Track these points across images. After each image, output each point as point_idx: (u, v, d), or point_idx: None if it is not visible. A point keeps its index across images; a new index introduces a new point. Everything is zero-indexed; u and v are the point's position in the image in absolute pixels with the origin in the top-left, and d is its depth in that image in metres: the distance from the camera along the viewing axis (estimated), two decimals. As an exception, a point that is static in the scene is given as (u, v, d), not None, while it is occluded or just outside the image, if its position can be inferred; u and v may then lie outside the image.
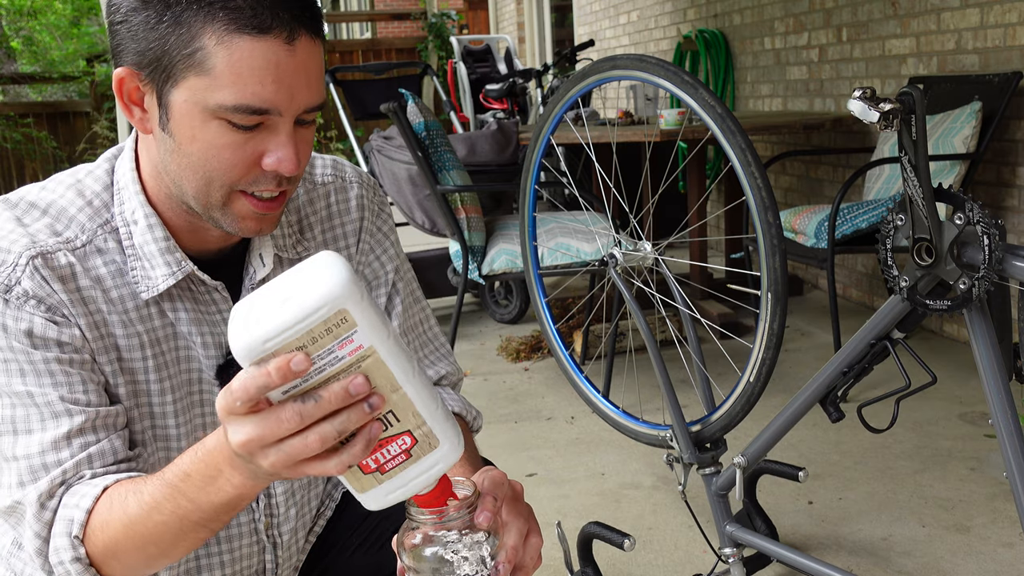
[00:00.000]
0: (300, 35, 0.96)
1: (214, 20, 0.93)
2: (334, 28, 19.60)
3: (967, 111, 3.12)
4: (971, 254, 1.27)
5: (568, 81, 1.86)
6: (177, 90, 0.97)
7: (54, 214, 1.06)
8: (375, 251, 1.25)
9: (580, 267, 2.94)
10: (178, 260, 1.07)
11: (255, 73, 0.94)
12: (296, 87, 0.97)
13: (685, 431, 1.73)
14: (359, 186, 1.24)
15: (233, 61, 0.94)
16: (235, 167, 0.99)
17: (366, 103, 5.07)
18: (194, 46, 0.94)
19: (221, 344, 1.13)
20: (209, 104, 0.95)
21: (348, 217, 1.23)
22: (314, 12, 0.98)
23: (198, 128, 0.97)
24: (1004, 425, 1.30)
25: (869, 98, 1.22)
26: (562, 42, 9.29)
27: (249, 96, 0.95)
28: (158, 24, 0.94)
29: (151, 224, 1.06)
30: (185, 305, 1.10)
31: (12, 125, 9.96)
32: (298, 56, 0.96)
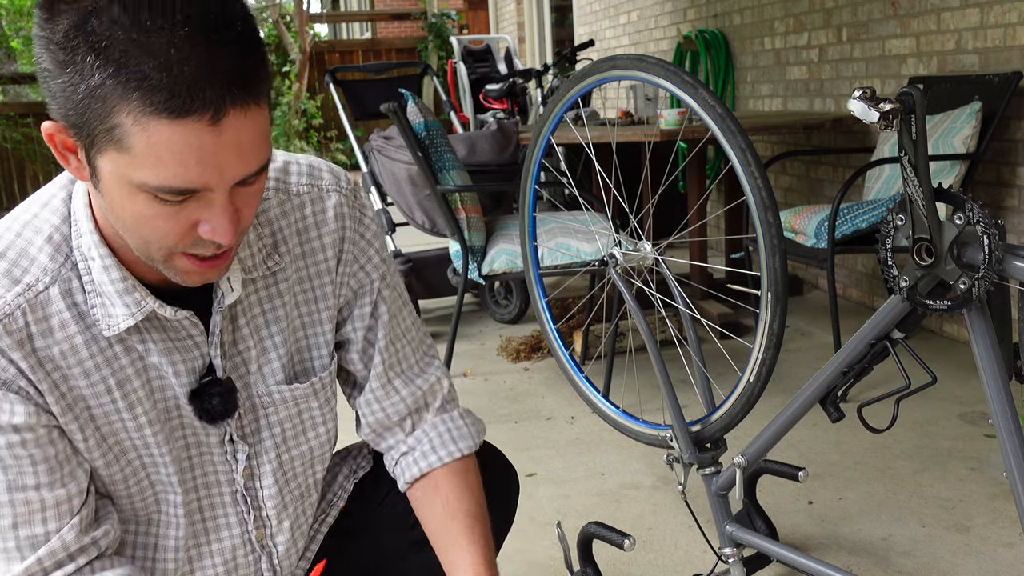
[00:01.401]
0: (227, 112, 0.87)
1: (128, 99, 0.85)
2: (334, 28, 19.60)
3: (967, 111, 3.12)
4: (971, 254, 1.27)
5: (568, 81, 1.86)
6: (101, 158, 0.90)
7: (12, 257, 1.01)
8: (359, 260, 1.22)
9: (580, 267, 2.94)
10: (137, 300, 1.03)
11: (175, 156, 0.87)
12: (225, 164, 0.90)
13: (685, 431, 1.73)
14: (337, 194, 1.19)
15: (151, 144, 0.87)
16: (169, 235, 0.94)
17: (366, 103, 5.06)
18: (111, 122, 0.87)
19: (194, 370, 1.11)
20: (133, 180, 0.90)
21: (326, 228, 1.18)
22: (247, 79, 0.89)
23: (126, 198, 0.92)
24: (1004, 425, 1.30)
25: (869, 98, 1.22)
26: (562, 42, 9.29)
27: (171, 178, 0.89)
28: (74, 94, 0.87)
29: (106, 265, 1.02)
30: (152, 336, 1.07)
31: (12, 125, 9.96)
32: (225, 134, 0.88)
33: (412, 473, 1.27)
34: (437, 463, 1.26)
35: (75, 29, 0.85)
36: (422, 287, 4.07)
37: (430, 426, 1.28)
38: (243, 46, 0.89)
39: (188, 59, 0.85)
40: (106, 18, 0.84)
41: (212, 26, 0.86)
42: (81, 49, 0.85)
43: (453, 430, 1.28)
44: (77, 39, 0.85)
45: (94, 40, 0.84)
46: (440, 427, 1.28)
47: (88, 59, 0.85)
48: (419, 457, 1.27)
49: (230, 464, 1.17)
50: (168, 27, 0.84)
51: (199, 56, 0.85)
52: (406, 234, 4.80)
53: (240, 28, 0.89)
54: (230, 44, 0.87)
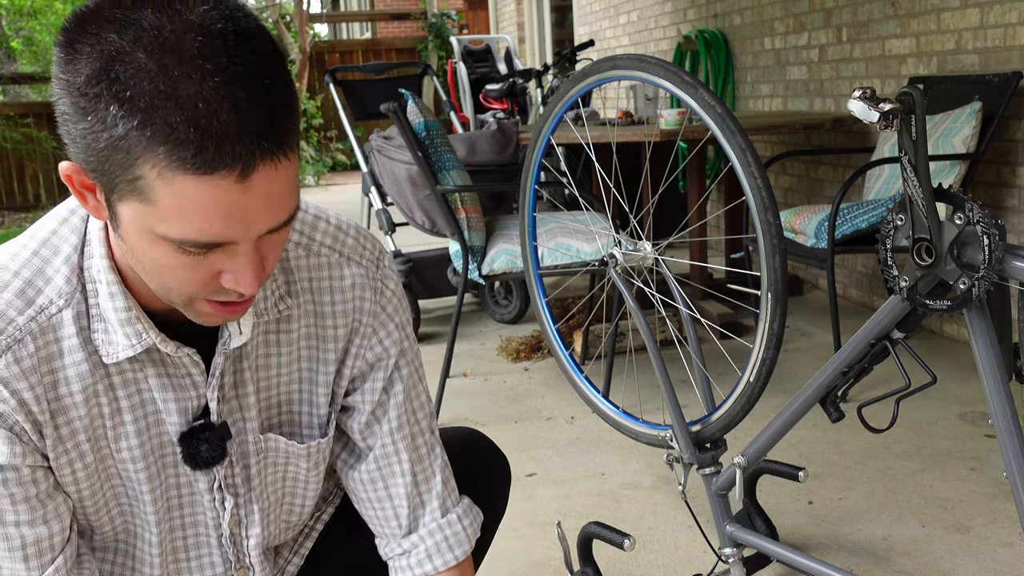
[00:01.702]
0: (256, 167, 0.83)
1: (154, 152, 0.81)
2: (334, 28, 19.60)
3: (967, 111, 3.12)
4: (971, 254, 1.27)
5: (568, 81, 1.86)
6: (122, 205, 0.86)
7: (27, 277, 0.98)
8: (378, 334, 1.17)
9: (580, 267, 2.94)
10: (138, 332, 1.00)
11: (200, 212, 0.84)
12: (253, 217, 0.86)
13: (685, 431, 1.73)
14: (357, 264, 1.14)
15: (176, 199, 0.83)
16: (190, 283, 0.91)
17: (366, 103, 5.07)
18: (134, 174, 0.83)
19: (188, 410, 1.07)
20: (155, 230, 0.86)
21: (339, 296, 1.13)
22: (277, 131, 0.84)
23: (147, 246, 0.88)
24: (1004, 425, 1.30)
25: (869, 98, 1.22)
26: (562, 42, 9.29)
27: (196, 232, 0.85)
28: (95, 142, 0.82)
29: (112, 292, 0.98)
30: (148, 371, 1.04)
31: (12, 125, 9.96)
32: (254, 189, 0.84)
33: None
34: (432, 571, 1.24)
35: (98, 75, 0.81)
36: (422, 287, 4.07)
37: (427, 532, 1.24)
38: (274, 95, 0.84)
39: (217, 112, 0.81)
40: (131, 65, 0.80)
41: (243, 74, 0.82)
42: (104, 97, 0.81)
43: (451, 536, 1.25)
44: (100, 86, 0.81)
45: (118, 89, 0.80)
46: (437, 535, 1.24)
47: (112, 108, 0.80)
48: (414, 563, 1.24)
49: (218, 511, 1.15)
50: (197, 76, 0.80)
51: (229, 108, 0.81)
52: (406, 234, 4.80)
53: (271, 75, 0.85)
54: (261, 94, 0.83)
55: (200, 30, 0.82)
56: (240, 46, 0.83)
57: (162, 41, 0.81)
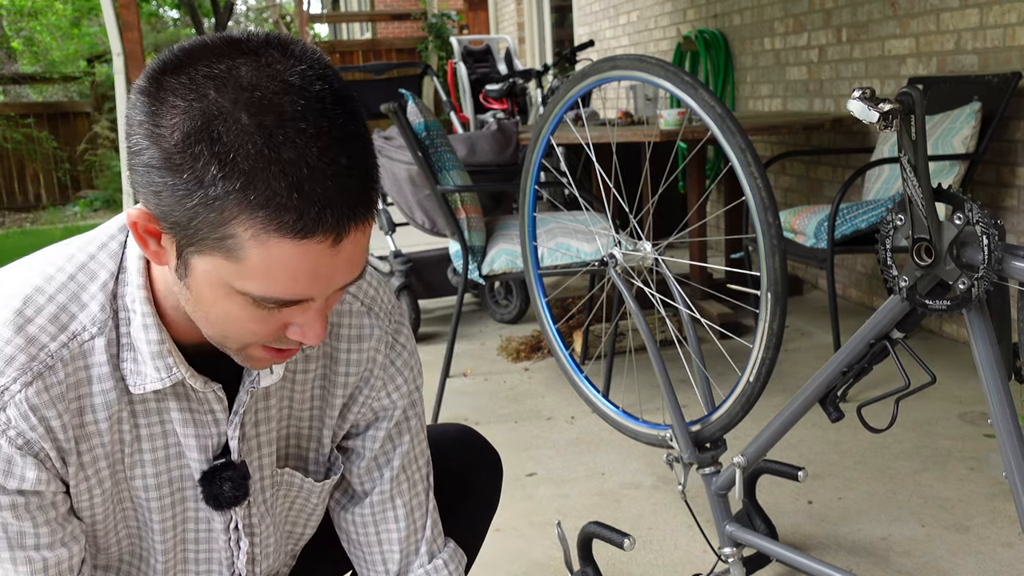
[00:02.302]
0: (348, 233, 0.84)
1: (252, 215, 0.80)
2: (334, 28, 19.60)
3: (966, 111, 3.12)
4: (970, 254, 1.27)
5: (568, 81, 1.86)
6: (200, 259, 0.86)
7: (62, 301, 0.96)
8: (387, 387, 1.17)
9: (580, 267, 2.95)
10: (168, 366, 0.98)
11: (290, 273, 0.84)
12: (335, 277, 0.87)
13: (685, 431, 1.73)
14: (376, 317, 1.14)
15: (269, 260, 0.83)
16: (255, 334, 0.92)
17: (366, 103, 5.06)
18: (225, 232, 0.82)
19: (208, 447, 1.06)
20: (235, 286, 0.86)
21: (356, 346, 1.13)
22: (369, 198, 0.85)
23: (220, 298, 0.88)
24: (1004, 425, 1.30)
25: (869, 98, 1.22)
26: (562, 42, 9.29)
27: (280, 290, 0.85)
28: (185, 198, 0.81)
29: (147, 324, 0.97)
30: (171, 404, 1.03)
31: (13, 125, 9.97)
32: (343, 253, 0.85)
33: None
34: None
35: (198, 133, 0.79)
36: (422, 287, 4.07)
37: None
38: (368, 159, 0.85)
39: (319, 179, 0.80)
40: (234, 126, 0.79)
41: (342, 139, 0.82)
42: (204, 156, 0.79)
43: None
44: (200, 146, 0.79)
45: (220, 149, 0.79)
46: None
47: (211, 169, 0.79)
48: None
49: (232, 551, 1.15)
50: (300, 141, 0.80)
51: (330, 176, 0.81)
52: (406, 234, 4.80)
53: (365, 138, 0.85)
54: (358, 159, 0.83)
55: (300, 92, 0.81)
56: (337, 109, 0.83)
57: (264, 102, 0.80)
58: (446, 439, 1.42)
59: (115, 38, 6.43)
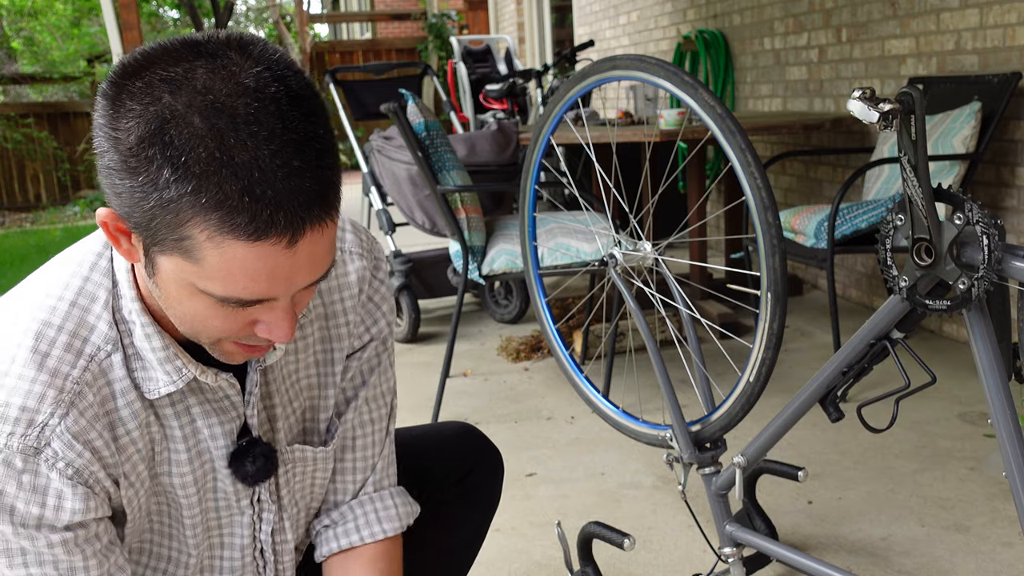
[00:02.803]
0: (304, 233, 0.85)
1: (206, 217, 0.81)
2: (334, 28, 19.59)
3: (966, 111, 3.12)
4: (970, 254, 1.27)
5: (568, 81, 1.86)
6: (164, 258, 0.87)
7: (71, 329, 0.97)
8: (366, 323, 1.20)
9: (580, 267, 2.95)
10: (178, 368, 1.01)
11: (248, 273, 0.85)
12: (295, 278, 0.88)
13: (685, 431, 1.73)
14: (359, 257, 1.17)
15: (224, 260, 0.84)
16: (224, 331, 0.93)
17: (366, 103, 5.07)
18: (182, 234, 0.83)
19: (232, 431, 1.09)
20: (197, 286, 0.87)
21: (349, 292, 1.16)
22: (326, 199, 0.85)
23: (185, 297, 0.90)
24: (1004, 425, 1.30)
25: (869, 98, 1.22)
26: (562, 42, 9.29)
27: (240, 291, 0.86)
28: (143, 200, 0.82)
29: (148, 333, 0.99)
30: (190, 400, 1.05)
31: (13, 125, 9.97)
32: (300, 253, 0.86)
33: (331, 547, 1.24)
34: (358, 543, 1.23)
35: (151, 137, 0.80)
36: (422, 287, 4.07)
37: (357, 503, 1.25)
38: (325, 160, 0.85)
39: (272, 181, 0.81)
40: (186, 130, 0.80)
41: (296, 141, 0.83)
42: (157, 160, 0.80)
43: (380, 511, 1.25)
44: (153, 149, 0.80)
45: (172, 153, 0.80)
46: (367, 506, 1.25)
47: (165, 172, 0.80)
48: (340, 533, 1.24)
49: (255, 524, 1.16)
50: (252, 144, 0.81)
51: (283, 177, 0.82)
52: (406, 234, 4.81)
53: (323, 140, 0.86)
54: (313, 160, 0.84)
55: (254, 94, 0.82)
56: (293, 111, 0.83)
57: (217, 105, 0.81)
58: (447, 437, 1.42)
59: (115, 38, 6.42)
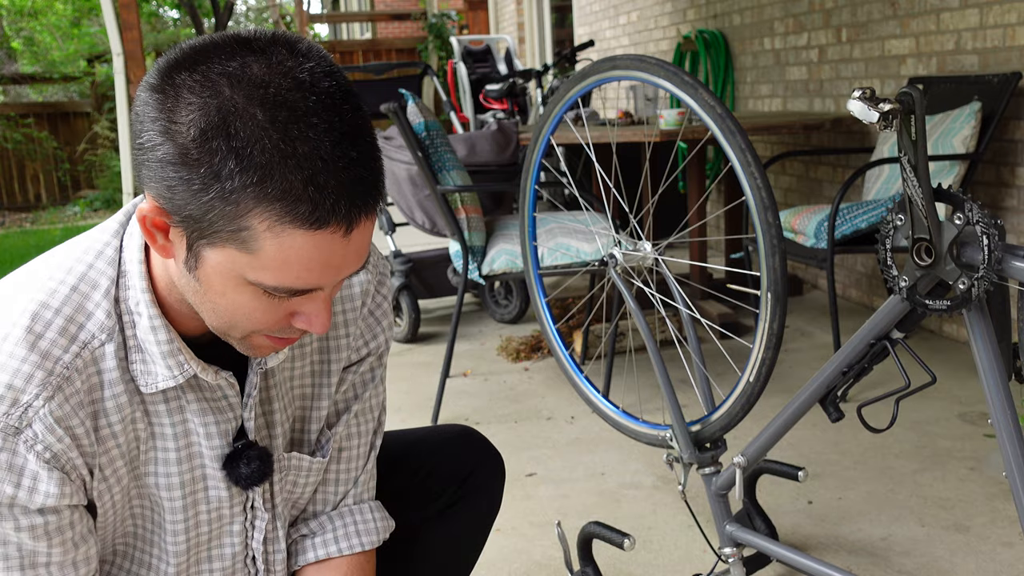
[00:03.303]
0: (359, 222, 0.88)
1: (268, 207, 0.83)
2: (334, 28, 19.60)
3: (967, 111, 3.12)
4: (970, 254, 1.27)
5: (568, 81, 1.86)
6: (213, 251, 0.88)
7: (68, 313, 0.98)
8: (365, 336, 1.20)
9: (580, 267, 2.95)
10: (180, 363, 1.01)
11: (303, 262, 0.87)
12: (345, 267, 0.91)
13: (685, 431, 1.73)
14: (364, 271, 1.18)
15: (282, 250, 0.86)
16: (262, 323, 0.94)
17: (366, 103, 5.03)
18: (240, 224, 0.85)
19: (227, 432, 1.08)
20: (247, 277, 0.89)
21: (351, 304, 1.17)
22: (378, 189, 0.89)
23: (230, 289, 0.91)
24: (1004, 425, 1.30)
25: (869, 98, 1.22)
26: (562, 42, 9.29)
27: (292, 280, 0.89)
28: (201, 192, 0.84)
29: (155, 326, 0.99)
30: (188, 396, 1.05)
31: (13, 125, 9.97)
32: (353, 241, 0.89)
33: (307, 558, 1.23)
34: (336, 554, 1.23)
35: (215, 129, 0.82)
36: (422, 287, 4.07)
37: (337, 515, 1.25)
38: (374, 152, 0.89)
39: (332, 172, 0.84)
40: (250, 122, 0.82)
41: (351, 133, 0.86)
42: (221, 151, 0.82)
43: (359, 523, 1.25)
44: (217, 141, 0.82)
45: (237, 144, 0.82)
46: (347, 518, 1.25)
47: (229, 163, 0.82)
48: (319, 544, 1.23)
49: (247, 531, 1.16)
50: (313, 136, 0.83)
51: (342, 168, 0.85)
52: (406, 234, 4.80)
53: (371, 134, 0.89)
54: (368, 152, 0.88)
55: (311, 88, 0.85)
56: (345, 105, 0.87)
57: (278, 99, 0.83)
58: (448, 440, 1.42)
59: (115, 38, 6.43)
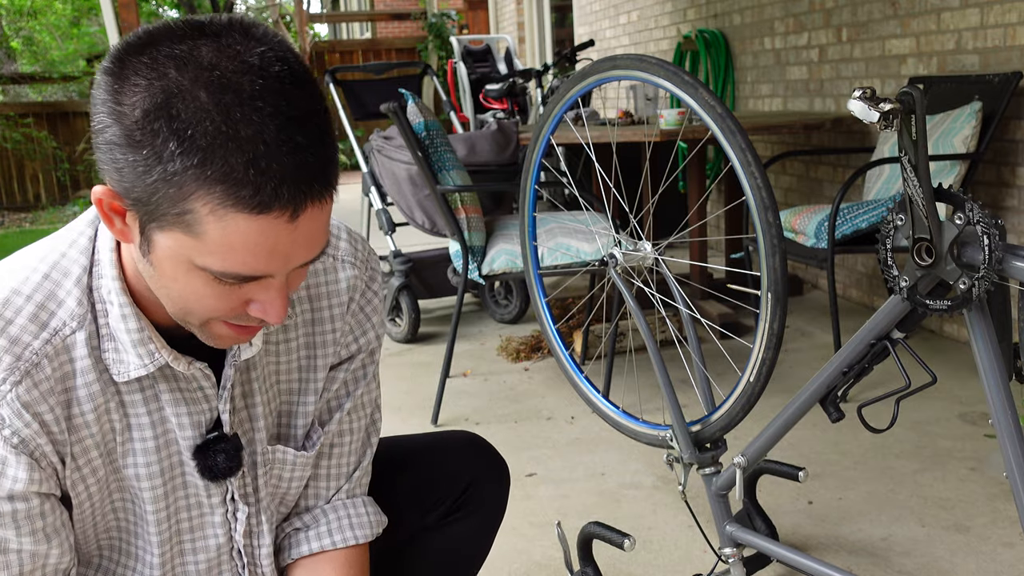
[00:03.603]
0: (305, 208, 0.86)
1: (209, 190, 0.82)
2: (334, 28, 19.59)
3: (967, 111, 3.12)
4: (971, 254, 1.27)
5: (568, 81, 1.86)
6: (162, 234, 0.87)
7: (39, 300, 0.98)
8: (354, 332, 1.20)
9: (580, 267, 2.94)
10: (151, 352, 1.00)
11: (248, 248, 0.86)
12: (294, 254, 0.89)
13: (685, 431, 1.73)
14: (352, 266, 1.17)
15: (226, 234, 0.85)
16: (217, 310, 0.93)
17: (366, 103, 5.06)
18: (183, 207, 0.84)
19: (200, 424, 1.08)
20: (195, 261, 0.88)
21: (337, 300, 1.16)
22: (327, 175, 0.87)
23: (181, 274, 0.90)
24: (1004, 425, 1.30)
25: (869, 98, 1.22)
26: (562, 42, 9.29)
27: (239, 266, 0.87)
28: (145, 174, 0.83)
29: (125, 314, 0.99)
30: (161, 386, 1.04)
31: (12, 125, 9.97)
32: (300, 228, 0.87)
33: (300, 551, 1.22)
34: (330, 547, 1.22)
35: (157, 111, 0.82)
36: (422, 287, 4.07)
37: (331, 508, 1.24)
38: (326, 139, 0.87)
39: (276, 155, 0.83)
40: (192, 104, 0.81)
41: (299, 118, 0.85)
42: (163, 133, 0.82)
43: (353, 517, 1.24)
44: (159, 122, 0.82)
45: (179, 126, 0.81)
46: (340, 511, 1.24)
47: (170, 145, 0.81)
48: (313, 536, 1.23)
49: (229, 523, 1.15)
50: (257, 119, 0.82)
51: (286, 152, 0.83)
52: (406, 234, 4.80)
53: (323, 120, 0.88)
54: (313, 138, 0.86)
55: (259, 72, 0.84)
56: (296, 90, 0.85)
57: (223, 81, 0.82)
58: (455, 447, 1.41)
59: (115, 38, 6.43)
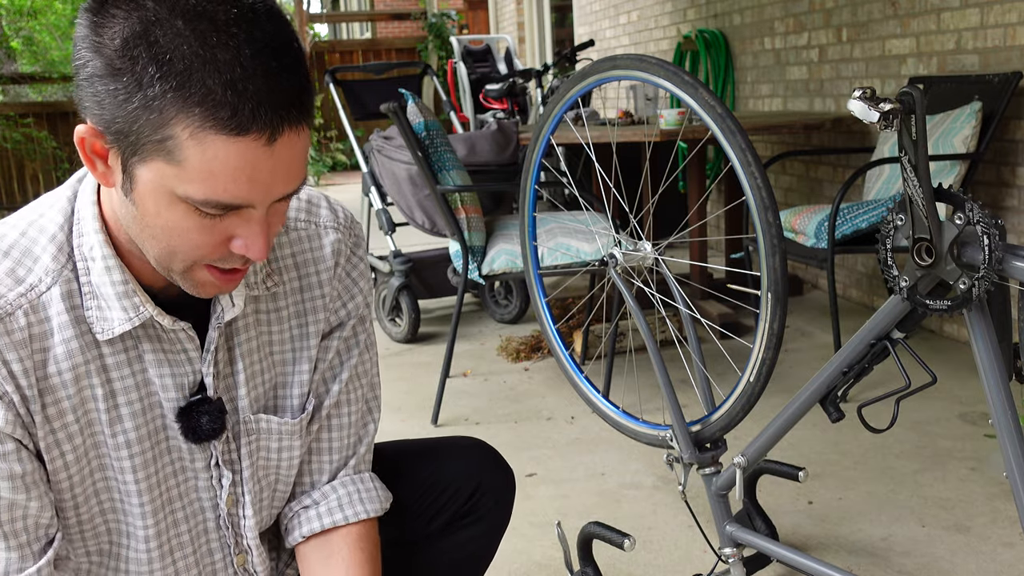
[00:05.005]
0: (283, 132, 0.89)
1: (189, 113, 0.85)
2: (334, 28, 19.59)
3: (967, 111, 3.12)
4: (971, 254, 1.27)
5: (568, 81, 1.86)
6: (144, 167, 0.90)
7: (16, 257, 1.00)
8: (342, 297, 1.20)
9: (580, 267, 2.94)
10: (135, 305, 1.01)
11: (228, 172, 0.88)
12: (273, 183, 0.91)
13: (685, 431, 1.73)
14: (334, 231, 1.18)
15: (206, 159, 0.87)
16: (200, 247, 0.94)
17: (366, 103, 5.06)
18: (164, 134, 0.86)
19: (183, 386, 1.08)
20: (177, 192, 0.90)
21: (323, 265, 1.17)
22: (302, 102, 0.90)
23: (163, 207, 0.91)
24: (1004, 425, 1.30)
25: (869, 98, 1.22)
26: (562, 42, 9.29)
27: (220, 193, 0.89)
28: (126, 102, 0.86)
29: (109, 266, 1.00)
30: (144, 346, 1.05)
31: (12, 125, 9.96)
32: (278, 154, 0.89)
33: (312, 527, 1.22)
34: (342, 521, 1.22)
35: (136, 38, 0.84)
36: (422, 287, 4.07)
37: (339, 483, 1.25)
38: (300, 69, 0.90)
39: (252, 78, 0.86)
40: (170, 30, 0.84)
41: (273, 47, 0.88)
42: (142, 59, 0.84)
43: (363, 491, 1.25)
44: (139, 48, 0.84)
45: (157, 51, 0.84)
46: (349, 486, 1.25)
47: (149, 69, 0.84)
48: (324, 512, 1.23)
49: (215, 490, 1.15)
50: (233, 44, 0.85)
51: (262, 76, 0.86)
52: (406, 234, 4.80)
53: (296, 51, 0.91)
54: (291, 65, 0.89)
55: (234, 2, 0.87)
56: (270, 22, 0.89)
57: (198, 9, 0.86)
58: (461, 452, 1.41)
59: (115, 38, 6.42)
